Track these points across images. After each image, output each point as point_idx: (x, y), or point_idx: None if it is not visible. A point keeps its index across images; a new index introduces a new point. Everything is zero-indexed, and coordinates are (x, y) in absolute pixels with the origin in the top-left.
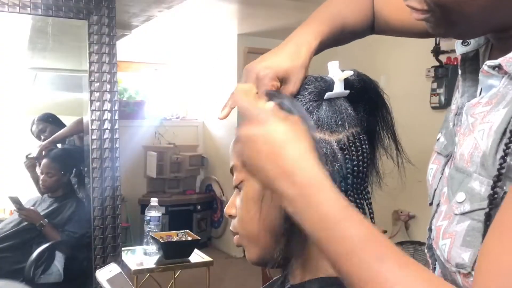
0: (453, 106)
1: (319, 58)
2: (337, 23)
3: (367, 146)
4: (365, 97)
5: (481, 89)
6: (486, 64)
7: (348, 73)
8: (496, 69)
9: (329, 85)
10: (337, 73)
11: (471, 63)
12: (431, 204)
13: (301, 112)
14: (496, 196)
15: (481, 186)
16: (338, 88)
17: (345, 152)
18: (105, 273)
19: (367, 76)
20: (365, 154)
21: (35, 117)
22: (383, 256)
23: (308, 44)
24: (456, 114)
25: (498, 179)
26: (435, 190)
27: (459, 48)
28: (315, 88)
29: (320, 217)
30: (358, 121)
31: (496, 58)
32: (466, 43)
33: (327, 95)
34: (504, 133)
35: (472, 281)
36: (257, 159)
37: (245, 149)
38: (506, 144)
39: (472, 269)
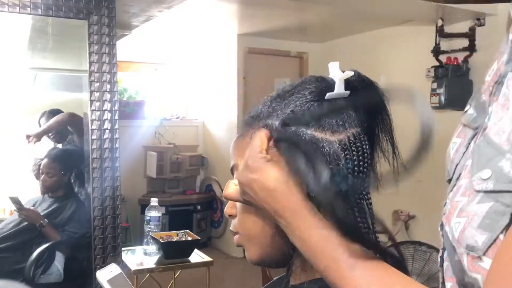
0: (488, 78)
1: (320, 58)
2: None
3: (367, 147)
4: (366, 98)
5: None
6: None
7: (349, 74)
8: None
9: (330, 86)
10: (337, 73)
11: None
12: (449, 180)
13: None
14: None
15: (511, 168)
16: (339, 89)
17: (346, 152)
18: (105, 274)
19: (367, 77)
20: (365, 155)
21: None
22: (353, 265)
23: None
24: (496, 82)
25: None
26: (457, 165)
27: None
28: (316, 88)
29: (302, 241)
30: (359, 122)
31: None
32: None
33: (328, 95)
34: None
35: (481, 266)
36: (255, 200)
37: (246, 190)
38: None
39: (484, 254)
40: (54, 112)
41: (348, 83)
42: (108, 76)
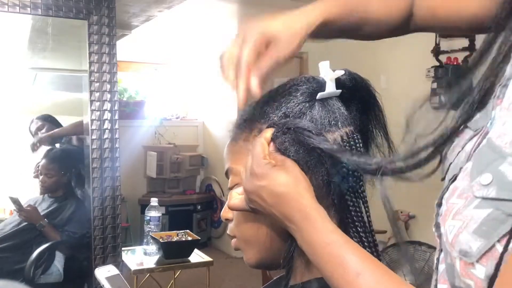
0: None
1: (320, 58)
2: (355, 7)
3: (361, 145)
4: (357, 95)
5: None
6: None
7: (339, 73)
8: None
9: (321, 85)
10: (328, 73)
11: None
12: (443, 179)
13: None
14: None
15: None
16: (330, 88)
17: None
18: (104, 272)
19: (358, 75)
20: (359, 153)
21: (33, 117)
22: (360, 271)
23: (308, 17)
24: (500, 85)
25: None
26: (451, 163)
27: None
28: (307, 89)
29: (311, 245)
30: (351, 120)
31: None
32: None
33: (319, 95)
34: None
35: (473, 272)
36: (264, 207)
37: (253, 198)
38: None
39: (477, 261)
40: (43, 118)
41: (339, 82)
42: (108, 76)
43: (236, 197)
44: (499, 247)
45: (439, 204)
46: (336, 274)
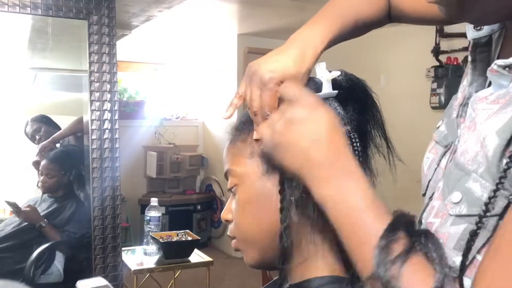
0: (459, 94)
1: (319, 58)
2: (349, 18)
3: (358, 144)
4: (354, 96)
5: (490, 82)
6: (496, 63)
7: (336, 74)
8: (507, 68)
9: (318, 86)
10: (324, 74)
11: (483, 49)
12: (424, 194)
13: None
14: (491, 203)
15: (483, 191)
16: (327, 89)
17: None
18: (88, 283)
19: (354, 76)
20: (356, 152)
21: (28, 119)
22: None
23: (315, 48)
24: (461, 104)
25: (497, 187)
26: (430, 181)
27: (470, 33)
28: None
29: (347, 204)
30: (348, 120)
31: (510, 48)
32: (479, 28)
33: (316, 96)
34: (511, 139)
35: (458, 287)
36: (301, 140)
37: (289, 129)
38: None
39: (462, 274)
40: (39, 120)
41: (335, 83)
42: (108, 76)
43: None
44: (480, 258)
45: (420, 221)
46: (356, 227)
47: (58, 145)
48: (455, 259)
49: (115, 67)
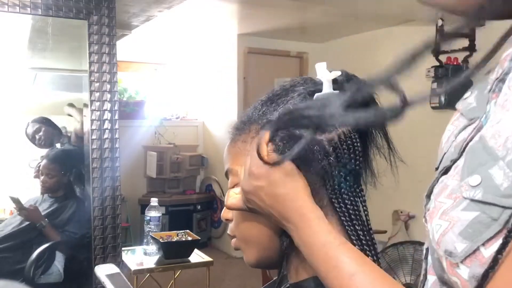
0: (497, 68)
1: (320, 58)
2: None
3: (359, 145)
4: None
5: None
6: None
7: (336, 74)
8: None
9: (318, 86)
10: (325, 74)
11: None
12: (437, 168)
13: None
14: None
15: (504, 180)
16: (327, 89)
17: (337, 151)
18: (104, 269)
19: (355, 76)
20: (357, 152)
21: (33, 117)
22: (354, 272)
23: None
24: (497, 79)
25: None
26: (445, 154)
27: None
28: (304, 90)
29: (308, 245)
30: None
31: None
32: None
33: (316, 96)
34: None
35: (458, 272)
36: (261, 207)
37: (251, 198)
38: None
39: (462, 262)
40: (39, 121)
41: (336, 83)
42: (108, 76)
43: (233, 197)
44: (483, 250)
45: (428, 196)
46: (331, 275)
47: (58, 145)
48: (457, 246)
49: (115, 67)
